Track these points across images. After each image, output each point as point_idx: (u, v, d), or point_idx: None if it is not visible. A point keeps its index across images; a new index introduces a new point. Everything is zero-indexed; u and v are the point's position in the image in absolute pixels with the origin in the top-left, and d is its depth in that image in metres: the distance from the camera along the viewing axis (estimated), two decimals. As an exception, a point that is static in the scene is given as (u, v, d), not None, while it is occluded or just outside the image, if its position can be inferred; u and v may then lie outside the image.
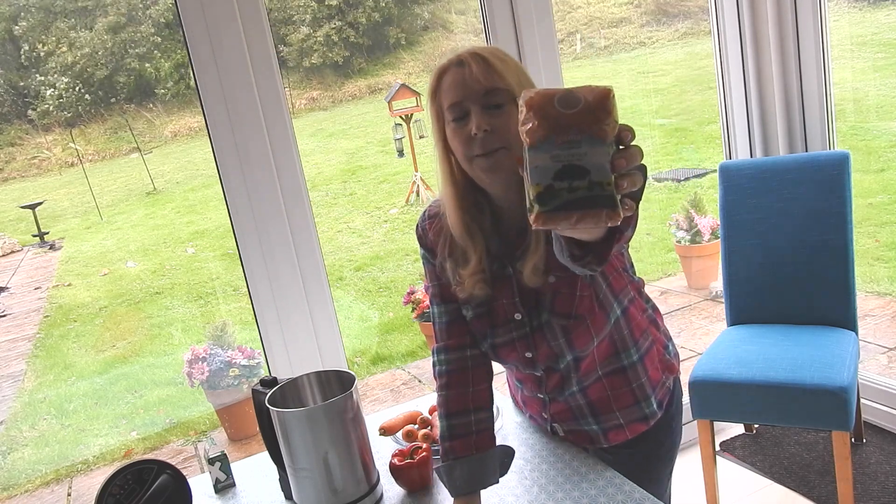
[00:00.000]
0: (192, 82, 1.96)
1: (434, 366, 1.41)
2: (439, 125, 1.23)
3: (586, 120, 0.75)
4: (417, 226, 1.41)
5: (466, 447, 1.32)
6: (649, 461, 1.48)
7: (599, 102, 0.75)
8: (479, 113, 1.17)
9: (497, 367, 1.44)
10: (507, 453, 1.38)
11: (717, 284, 4.51)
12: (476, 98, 1.17)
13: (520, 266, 1.26)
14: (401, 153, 6.66)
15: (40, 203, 5.88)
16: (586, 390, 1.40)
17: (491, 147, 1.17)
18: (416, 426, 1.59)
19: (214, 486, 1.53)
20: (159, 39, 6.38)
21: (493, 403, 1.40)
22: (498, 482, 1.34)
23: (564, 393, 1.41)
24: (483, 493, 1.34)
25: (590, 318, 1.28)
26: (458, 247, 1.30)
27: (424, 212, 1.41)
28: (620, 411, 1.42)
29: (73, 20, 6.31)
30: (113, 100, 6.39)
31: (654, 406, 1.43)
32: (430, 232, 1.37)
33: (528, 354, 1.35)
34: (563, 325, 1.28)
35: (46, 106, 6.08)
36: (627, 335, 1.37)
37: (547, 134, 0.75)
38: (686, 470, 2.58)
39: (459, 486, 1.30)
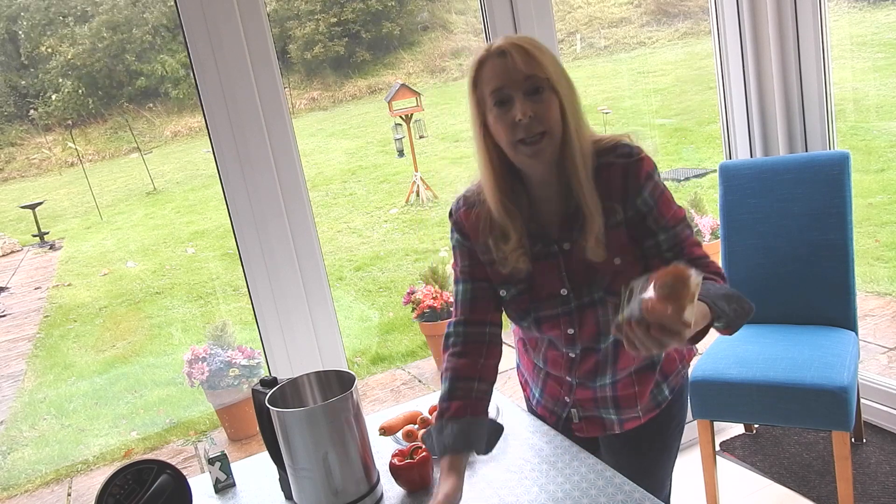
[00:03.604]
0: (193, 82, 1.96)
1: (449, 336, 1.44)
2: (479, 111, 1.30)
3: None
4: (451, 212, 1.46)
5: (462, 410, 1.36)
6: (661, 434, 1.54)
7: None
8: (522, 100, 1.24)
9: (499, 367, 1.45)
10: (497, 430, 1.41)
11: (717, 284, 4.49)
12: (518, 85, 1.24)
13: (582, 241, 1.31)
14: (401, 153, 6.66)
15: (40, 203, 5.88)
16: (616, 384, 1.45)
17: (535, 131, 1.24)
18: (416, 426, 1.59)
19: (214, 486, 1.53)
20: (158, 41, 6.38)
21: (494, 384, 1.44)
22: (485, 454, 1.37)
23: (596, 382, 1.45)
24: (483, 493, 1.34)
25: None
26: (499, 226, 1.36)
27: (458, 199, 1.45)
28: (641, 404, 1.48)
29: (72, 20, 6.31)
30: (114, 100, 6.39)
31: (667, 393, 1.50)
32: (464, 218, 1.42)
33: (571, 331, 1.39)
34: (617, 304, 1.32)
35: (48, 108, 6.08)
36: None
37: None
38: (686, 470, 2.58)
39: (447, 443, 1.32)
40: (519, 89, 1.24)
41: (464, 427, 1.34)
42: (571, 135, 1.27)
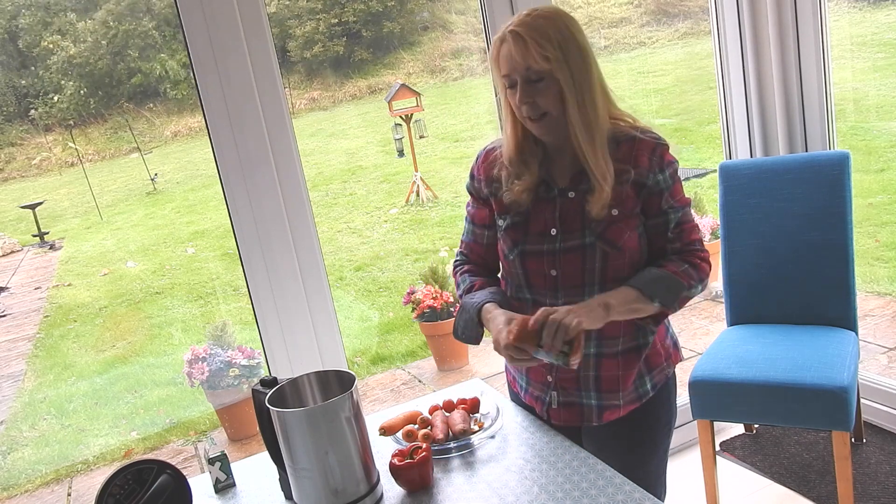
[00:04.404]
0: (193, 82, 1.96)
1: (456, 262, 1.63)
2: (502, 83, 1.42)
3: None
4: (476, 157, 1.58)
5: (486, 284, 1.54)
6: (650, 433, 1.55)
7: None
8: (523, 87, 1.36)
9: (495, 366, 1.46)
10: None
11: (717, 284, 4.50)
12: (520, 72, 1.35)
13: (589, 196, 1.40)
14: (401, 153, 6.66)
15: (40, 203, 5.88)
16: (601, 361, 1.46)
17: (536, 113, 1.37)
18: (416, 426, 1.59)
19: (214, 486, 1.54)
20: (160, 39, 6.37)
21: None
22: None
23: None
24: (483, 493, 1.34)
25: (629, 254, 1.42)
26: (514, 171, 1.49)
27: (487, 146, 1.57)
28: (623, 392, 1.48)
29: (72, 16, 6.30)
30: (114, 100, 6.38)
31: (648, 386, 1.51)
32: (483, 159, 1.55)
33: (553, 272, 1.43)
34: (605, 251, 1.40)
35: (48, 108, 6.08)
36: None
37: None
38: (686, 470, 2.58)
39: (484, 297, 1.47)
40: (521, 76, 1.35)
41: (493, 291, 1.50)
42: (572, 118, 1.35)
